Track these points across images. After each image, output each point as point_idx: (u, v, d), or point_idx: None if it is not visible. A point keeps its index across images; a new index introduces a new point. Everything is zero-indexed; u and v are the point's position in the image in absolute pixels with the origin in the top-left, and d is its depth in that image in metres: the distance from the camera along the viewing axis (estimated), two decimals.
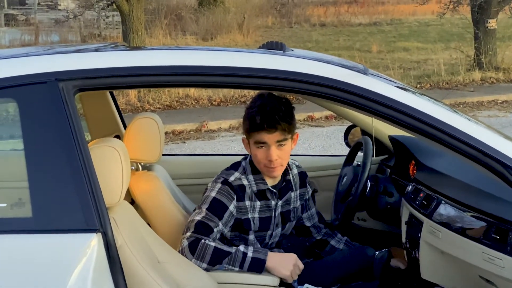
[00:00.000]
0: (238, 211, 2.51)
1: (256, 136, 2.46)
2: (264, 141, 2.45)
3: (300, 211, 2.78)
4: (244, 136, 2.56)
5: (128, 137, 2.64)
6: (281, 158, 2.49)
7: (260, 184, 2.56)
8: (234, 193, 2.49)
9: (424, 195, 2.55)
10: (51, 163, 1.75)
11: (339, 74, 1.94)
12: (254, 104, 2.49)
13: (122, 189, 1.97)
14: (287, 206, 2.68)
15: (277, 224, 2.64)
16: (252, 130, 2.46)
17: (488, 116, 10.25)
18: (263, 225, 2.58)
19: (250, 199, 2.54)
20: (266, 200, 2.59)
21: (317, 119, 10.15)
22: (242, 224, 2.54)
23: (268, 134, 2.43)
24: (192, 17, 22.88)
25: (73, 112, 1.79)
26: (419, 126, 1.90)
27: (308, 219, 2.84)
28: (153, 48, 2.49)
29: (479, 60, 13.79)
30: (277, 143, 2.45)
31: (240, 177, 2.54)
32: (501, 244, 1.97)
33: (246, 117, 2.50)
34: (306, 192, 2.80)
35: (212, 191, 2.48)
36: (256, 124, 2.43)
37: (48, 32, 21.16)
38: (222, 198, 2.46)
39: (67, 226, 1.73)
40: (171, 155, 4.10)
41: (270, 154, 2.45)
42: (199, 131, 9.50)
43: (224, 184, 2.49)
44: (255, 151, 2.49)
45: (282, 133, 2.44)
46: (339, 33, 23.65)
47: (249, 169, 2.56)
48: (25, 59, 1.98)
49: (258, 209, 2.56)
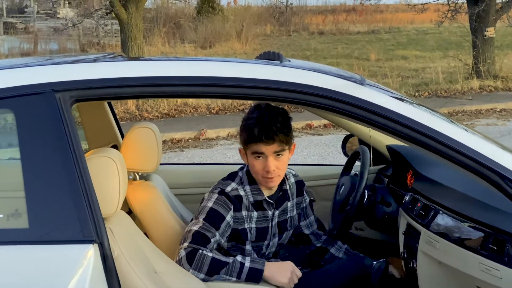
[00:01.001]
0: (235, 221, 2.51)
1: (253, 147, 2.46)
2: (261, 151, 2.45)
3: (296, 220, 2.78)
4: (241, 146, 2.56)
5: (126, 146, 2.63)
6: (279, 169, 2.49)
7: (257, 195, 2.56)
8: (231, 204, 2.49)
9: (421, 205, 2.54)
10: (48, 173, 1.75)
11: (336, 85, 1.95)
12: (252, 115, 2.49)
13: (119, 200, 1.97)
14: (283, 216, 2.68)
15: (274, 234, 2.64)
16: (250, 141, 2.46)
17: (486, 125, 10.26)
18: (260, 236, 2.58)
19: (247, 209, 2.54)
20: (263, 211, 2.59)
21: (316, 127, 10.15)
22: (239, 234, 2.53)
23: (266, 145, 2.44)
24: (190, 25, 22.94)
25: (70, 122, 1.79)
26: (415, 136, 1.91)
27: (306, 226, 2.84)
28: (150, 58, 2.49)
29: (477, 69, 13.82)
30: (274, 153, 2.46)
31: (237, 187, 2.54)
32: (498, 255, 1.97)
33: (243, 129, 2.50)
34: (303, 200, 2.80)
35: (209, 201, 2.48)
36: (254, 136, 2.44)
37: (47, 40, 21.20)
38: (219, 208, 2.46)
39: (63, 237, 1.73)
40: (168, 165, 4.10)
41: (268, 165, 2.46)
42: (197, 139, 9.50)
43: (221, 195, 2.49)
44: (252, 161, 2.49)
45: (279, 144, 2.45)
46: (337, 41, 23.72)
47: (246, 180, 2.56)
48: (23, 70, 1.98)
49: (255, 219, 2.56)
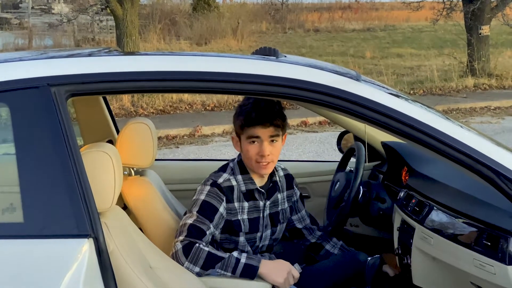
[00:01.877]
0: (228, 213, 2.53)
1: (250, 131, 2.50)
2: (257, 135, 2.49)
3: (288, 213, 2.80)
4: (234, 134, 2.60)
5: (121, 142, 2.63)
6: (273, 154, 2.53)
7: (249, 184, 2.58)
8: (223, 195, 2.51)
9: (416, 201, 2.55)
10: (43, 168, 1.75)
11: (332, 80, 1.95)
12: (248, 101, 2.54)
13: (114, 194, 1.97)
14: (274, 208, 2.70)
15: (266, 225, 2.65)
16: (247, 125, 2.50)
17: (480, 122, 10.29)
18: (252, 227, 2.60)
19: (239, 200, 2.56)
20: (254, 201, 2.61)
21: (311, 124, 10.16)
22: (232, 226, 2.55)
23: (262, 128, 2.48)
24: (186, 22, 22.92)
25: (65, 117, 1.79)
26: (410, 132, 1.91)
27: (298, 221, 2.86)
28: (146, 53, 2.48)
29: (472, 67, 13.86)
30: (270, 138, 2.50)
31: (229, 177, 2.56)
32: (492, 251, 1.98)
33: (240, 113, 2.54)
34: (294, 194, 2.82)
35: (201, 194, 2.50)
36: (252, 119, 2.48)
37: (41, 36, 21.15)
38: (212, 200, 2.48)
39: (58, 231, 1.72)
40: (164, 160, 4.10)
41: (263, 149, 2.50)
42: (192, 136, 9.50)
43: (213, 186, 2.51)
44: (247, 146, 2.52)
45: (275, 129, 2.50)
46: (333, 39, 23.74)
47: (238, 170, 2.59)
48: (17, 64, 1.97)
49: (247, 210, 2.58)
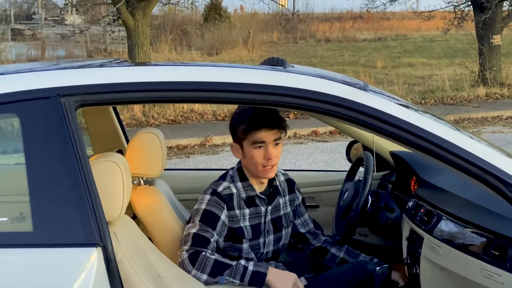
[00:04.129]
0: (230, 220, 2.54)
1: (254, 135, 2.51)
2: (263, 140, 2.51)
3: (292, 217, 2.80)
4: (233, 142, 2.62)
5: (130, 151, 2.65)
6: (277, 157, 2.56)
7: (249, 191, 2.60)
8: (223, 203, 2.53)
9: (424, 211, 2.55)
10: (52, 178, 1.77)
11: (339, 91, 1.96)
12: (245, 107, 2.56)
13: (123, 204, 1.98)
14: (276, 213, 2.70)
15: (268, 230, 2.66)
16: (252, 129, 2.51)
17: (492, 132, 10.24)
18: (255, 233, 2.61)
19: (239, 207, 2.57)
20: (255, 207, 2.62)
21: (322, 134, 10.16)
22: (235, 233, 2.56)
23: (267, 131, 2.51)
24: (197, 32, 23.02)
25: (74, 127, 1.81)
26: (418, 142, 1.91)
27: (302, 225, 2.86)
28: (156, 63, 2.50)
29: (484, 76, 13.80)
30: (274, 141, 2.53)
31: (228, 185, 2.58)
32: (500, 261, 1.97)
33: (241, 120, 2.55)
34: (296, 198, 2.83)
35: (202, 203, 2.52)
36: (256, 123, 2.50)
37: (54, 47, 21.32)
38: (213, 208, 2.50)
39: (67, 240, 1.74)
40: (173, 170, 4.11)
41: (269, 152, 2.52)
42: (203, 146, 9.52)
43: (213, 195, 2.54)
44: (252, 152, 2.53)
45: (279, 131, 2.54)
46: (344, 49, 23.74)
47: (237, 177, 2.61)
48: (28, 75, 2.00)
49: (248, 217, 2.59)
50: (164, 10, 23.55)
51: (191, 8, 17.59)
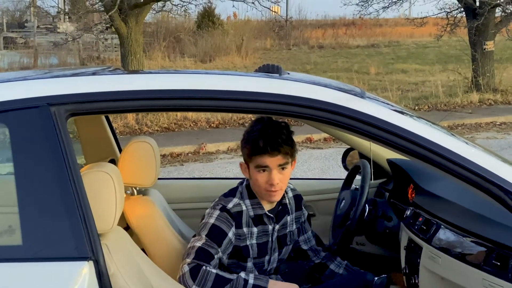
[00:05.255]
0: (237, 238, 2.48)
1: (258, 160, 2.43)
2: (266, 165, 2.42)
3: (296, 235, 2.75)
4: (243, 161, 2.53)
5: (123, 161, 2.61)
6: (282, 182, 2.46)
7: (257, 209, 2.53)
8: (232, 220, 2.46)
9: (423, 219, 2.51)
10: (42, 189, 1.72)
11: (336, 98, 1.92)
12: (255, 127, 2.46)
13: (115, 215, 1.94)
14: (283, 230, 2.65)
15: (274, 248, 2.61)
16: (254, 154, 2.42)
17: (486, 138, 10.24)
18: (261, 251, 2.55)
19: (248, 226, 2.51)
20: (263, 225, 2.55)
21: (316, 141, 10.13)
22: (241, 252, 2.50)
23: (270, 157, 2.40)
24: (190, 39, 23.01)
25: (65, 137, 1.77)
26: (416, 149, 1.88)
27: (304, 242, 2.81)
28: (149, 71, 2.47)
29: (477, 82, 13.84)
30: (279, 167, 2.43)
31: (239, 202, 2.50)
32: (502, 271, 1.93)
33: (247, 141, 2.46)
34: (302, 215, 2.77)
35: (211, 217, 2.45)
36: (259, 148, 2.40)
37: (47, 55, 21.26)
38: (222, 225, 2.43)
39: (57, 254, 1.69)
40: (167, 179, 4.07)
41: (272, 178, 2.42)
42: (197, 153, 9.47)
43: (223, 211, 2.46)
44: (256, 175, 2.46)
45: (284, 157, 2.42)
46: (337, 55, 23.78)
47: (246, 194, 2.53)
48: (18, 84, 1.96)
49: (256, 235, 2.53)
50: (157, 18, 23.54)
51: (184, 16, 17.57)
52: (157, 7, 14.48)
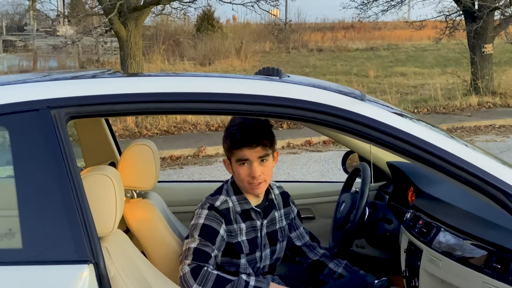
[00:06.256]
0: (228, 235, 2.50)
1: (238, 153, 2.47)
2: (246, 157, 2.46)
3: (287, 231, 2.76)
4: (225, 157, 2.57)
5: (123, 164, 2.60)
6: (264, 174, 2.50)
7: (244, 204, 2.55)
8: (222, 217, 2.49)
9: (423, 222, 2.51)
10: (42, 192, 1.72)
11: (336, 100, 1.92)
12: (233, 122, 2.52)
13: (115, 218, 1.94)
14: (272, 226, 2.66)
15: (264, 244, 2.62)
16: (234, 147, 2.47)
17: (485, 141, 10.24)
18: (252, 247, 2.57)
19: (236, 222, 2.53)
20: (251, 221, 2.58)
21: (315, 144, 10.13)
22: (234, 248, 2.52)
23: (250, 150, 2.45)
24: (190, 42, 23.03)
25: (65, 140, 1.76)
26: (416, 152, 1.88)
27: (297, 238, 2.82)
28: (148, 74, 2.47)
29: (476, 85, 13.85)
30: (259, 159, 2.47)
31: (225, 199, 2.54)
32: (502, 274, 1.93)
33: (226, 136, 2.52)
34: (291, 211, 2.79)
35: (200, 218, 2.47)
36: (238, 141, 2.45)
37: (46, 58, 21.27)
38: (212, 223, 2.45)
39: (57, 257, 1.69)
40: (167, 182, 4.06)
41: (253, 170, 2.46)
42: (196, 156, 9.47)
43: (211, 210, 2.49)
44: (237, 169, 2.49)
45: (263, 149, 2.47)
46: (336, 58, 23.80)
47: (232, 190, 2.57)
48: (18, 86, 1.96)
49: (245, 231, 2.55)
50: (157, 21, 23.52)
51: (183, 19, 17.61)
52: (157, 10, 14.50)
